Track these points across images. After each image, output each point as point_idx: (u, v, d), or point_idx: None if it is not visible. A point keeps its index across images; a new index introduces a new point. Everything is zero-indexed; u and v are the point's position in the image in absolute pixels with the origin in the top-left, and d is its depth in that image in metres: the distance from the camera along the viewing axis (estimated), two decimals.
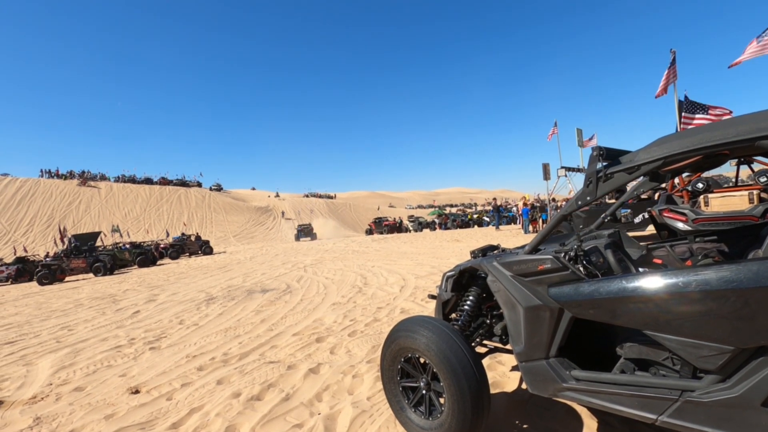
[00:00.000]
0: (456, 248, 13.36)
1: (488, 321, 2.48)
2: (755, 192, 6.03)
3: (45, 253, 23.56)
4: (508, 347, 2.47)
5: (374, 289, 7.01)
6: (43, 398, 3.43)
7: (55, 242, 27.61)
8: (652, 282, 1.44)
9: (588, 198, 1.71)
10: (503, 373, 3.05)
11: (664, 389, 1.47)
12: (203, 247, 26.73)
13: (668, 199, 6.79)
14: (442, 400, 2.04)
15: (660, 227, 6.92)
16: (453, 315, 2.70)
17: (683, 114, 9.56)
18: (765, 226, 2.17)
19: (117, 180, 56.12)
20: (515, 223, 26.73)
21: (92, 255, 18.58)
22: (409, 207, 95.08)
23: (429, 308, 5.25)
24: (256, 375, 3.48)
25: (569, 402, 2.19)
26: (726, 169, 21.67)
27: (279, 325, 5.16)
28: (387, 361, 2.30)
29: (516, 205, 30.03)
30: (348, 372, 3.37)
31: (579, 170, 17.71)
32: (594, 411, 2.36)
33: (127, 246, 22.24)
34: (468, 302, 2.45)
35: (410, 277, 7.93)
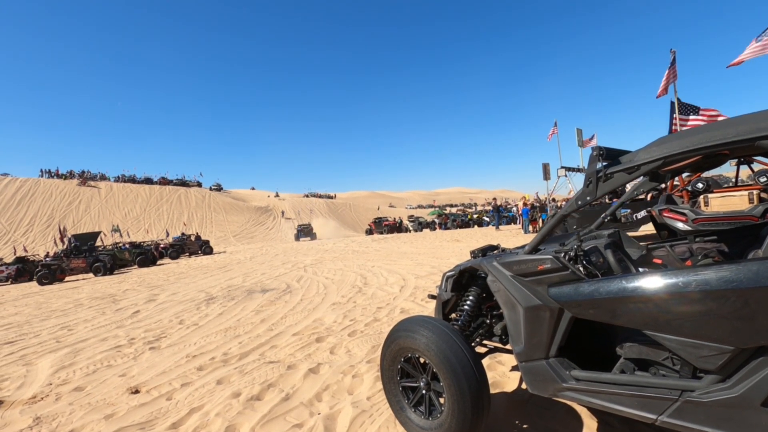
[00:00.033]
0: (456, 248, 13.36)
1: (488, 321, 2.48)
2: (755, 192, 6.03)
3: (45, 253, 23.52)
4: (508, 347, 2.47)
5: (374, 289, 7.01)
6: (43, 398, 3.43)
7: (55, 242, 27.59)
8: (652, 282, 1.44)
9: (588, 198, 1.71)
10: (503, 373, 3.05)
11: (664, 389, 1.47)
12: (203, 247, 26.74)
13: (668, 199, 6.78)
14: (442, 400, 2.04)
15: (660, 227, 6.91)
16: (453, 315, 2.70)
17: (674, 116, 9.67)
18: (765, 226, 2.17)
19: (117, 180, 56.11)
20: (515, 223, 26.74)
21: (92, 255, 18.58)
22: (409, 207, 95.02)
23: (429, 308, 5.25)
24: (256, 375, 3.48)
25: (569, 402, 2.19)
26: (726, 169, 21.67)
27: (279, 325, 5.16)
28: (387, 361, 2.30)
29: (516, 205, 30.03)
30: (348, 372, 3.37)
31: (579, 170, 17.72)
32: (594, 411, 2.36)
33: (127, 246, 22.24)
34: (468, 302, 2.45)
35: (410, 277, 7.92)
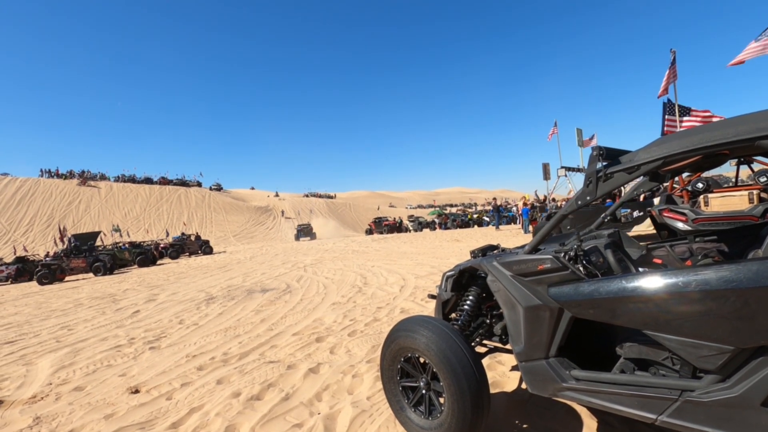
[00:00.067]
0: (456, 248, 13.36)
1: (488, 321, 2.48)
2: (755, 192, 6.03)
3: (45, 253, 23.55)
4: (508, 347, 2.47)
5: (374, 289, 7.01)
6: (43, 398, 3.43)
7: (55, 242, 27.59)
8: (652, 282, 1.44)
9: (588, 198, 1.71)
10: (503, 373, 3.05)
11: (664, 389, 1.47)
12: (203, 247, 26.76)
13: (668, 199, 6.78)
14: (442, 400, 2.04)
15: (660, 227, 6.91)
16: (453, 315, 2.70)
17: (667, 117, 9.74)
18: (765, 226, 2.17)
19: (117, 180, 56.12)
20: (515, 223, 26.73)
21: (92, 255, 18.58)
22: (409, 207, 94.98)
23: (429, 308, 5.25)
24: (256, 375, 3.48)
25: (569, 402, 2.19)
26: (726, 169, 21.67)
27: (279, 325, 5.16)
28: (387, 361, 2.30)
29: (516, 205, 30.03)
30: (348, 372, 3.37)
31: (579, 170, 17.74)
32: (594, 411, 2.36)
33: (127, 246, 22.24)
34: (468, 302, 2.45)
35: (410, 277, 7.92)
